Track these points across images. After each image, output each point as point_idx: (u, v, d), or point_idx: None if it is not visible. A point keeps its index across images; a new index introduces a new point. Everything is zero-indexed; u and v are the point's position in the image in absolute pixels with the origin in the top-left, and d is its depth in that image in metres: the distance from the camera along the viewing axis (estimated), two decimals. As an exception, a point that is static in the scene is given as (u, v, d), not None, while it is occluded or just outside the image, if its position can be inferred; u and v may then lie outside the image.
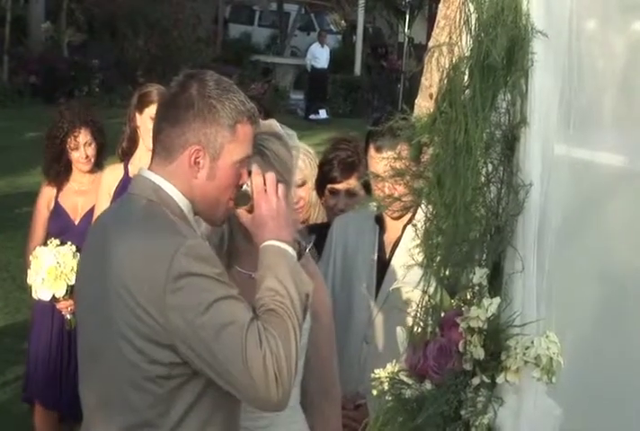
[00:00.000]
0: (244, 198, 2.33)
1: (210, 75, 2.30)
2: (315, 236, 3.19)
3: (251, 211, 2.33)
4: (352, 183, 3.63)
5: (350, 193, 3.64)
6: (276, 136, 2.65)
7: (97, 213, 4.39)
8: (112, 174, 4.53)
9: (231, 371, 2.10)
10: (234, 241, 2.65)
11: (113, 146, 4.70)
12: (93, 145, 4.74)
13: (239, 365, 2.08)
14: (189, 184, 2.28)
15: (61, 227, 4.67)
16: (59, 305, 4.32)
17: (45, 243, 4.37)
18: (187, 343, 2.13)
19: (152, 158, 2.34)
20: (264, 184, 2.32)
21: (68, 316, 4.33)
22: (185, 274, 2.13)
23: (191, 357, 2.15)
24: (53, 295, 4.24)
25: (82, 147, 4.70)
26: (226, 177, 2.30)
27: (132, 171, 4.48)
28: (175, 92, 2.29)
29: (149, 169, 2.33)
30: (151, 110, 4.45)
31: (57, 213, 4.78)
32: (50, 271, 4.19)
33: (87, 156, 4.72)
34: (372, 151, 3.17)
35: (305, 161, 3.68)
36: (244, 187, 2.31)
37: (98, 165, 4.82)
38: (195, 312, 2.11)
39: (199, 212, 2.32)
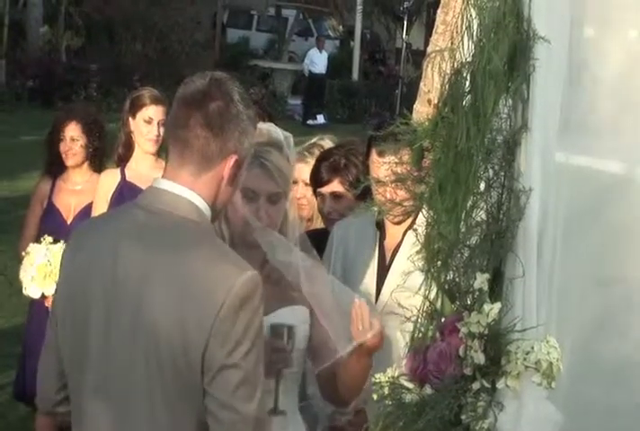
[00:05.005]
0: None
1: (232, 81, 2.27)
2: (315, 242, 3.20)
3: None
4: (336, 186, 3.63)
5: (335, 196, 3.63)
6: (275, 146, 2.65)
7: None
8: (109, 179, 4.54)
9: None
10: (234, 247, 2.66)
11: (110, 150, 4.70)
12: (79, 142, 4.75)
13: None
14: (215, 191, 2.24)
15: (53, 226, 4.67)
16: (48, 302, 4.31)
17: (39, 240, 4.37)
18: (211, 372, 2.12)
19: (179, 165, 2.23)
20: None
21: None
22: (243, 303, 2.12)
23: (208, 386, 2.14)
24: (42, 293, 4.23)
25: (67, 140, 4.73)
26: (238, 182, 2.31)
27: (129, 175, 4.50)
28: (207, 97, 2.21)
29: (173, 178, 2.23)
30: (143, 114, 4.48)
31: (50, 212, 4.79)
32: (40, 269, 4.18)
33: (71, 149, 4.75)
34: (374, 155, 3.18)
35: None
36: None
37: (93, 166, 4.83)
38: (236, 350, 2.12)
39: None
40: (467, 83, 2.13)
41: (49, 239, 4.25)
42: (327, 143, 3.92)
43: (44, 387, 2.38)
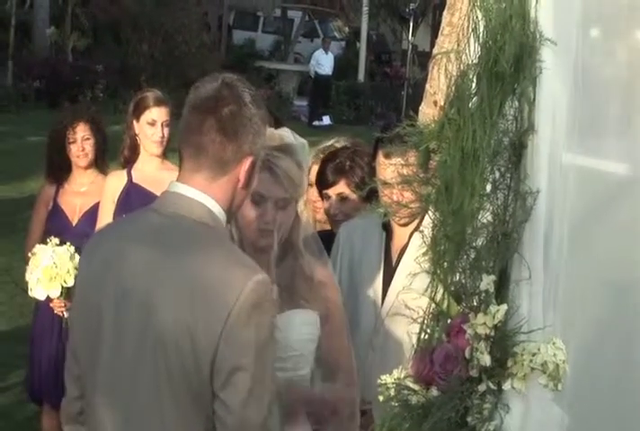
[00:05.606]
0: None
1: (242, 82, 2.25)
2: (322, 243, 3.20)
3: None
4: (342, 188, 3.63)
5: (341, 198, 3.64)
6: (287, 151, 2.63)
7: (102, 219, 4.40)
8: (116, 181, 4.55)
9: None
10: (243, 251, 2.66)
11: (117, 152, 4.71)
12: (91, 141, 4.78)
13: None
14: (231, 195, 2.23)
15: (58, 228, 4.68)
16: (53, 304, 4.31)
17: (44, 241, 4.37)
18: (220, 375, 2.11)
19: (194, 170, 2.22)
20: None
21: (67, 315, 4.29)
22: (253, 307, 2.10)
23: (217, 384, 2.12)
24: (48, 295, 4.23)
25: (79, 141, 4.73)
26: (252, 184, 2.29)
27: (135, 177, 4.51)
28: (219, 101, 2.19)
29: (187, 182, 2.22)
30: (147, 116, 4.48)
31: (55, 213, 4.80)
32: (46, 271, 4.16)
33: (84, 150, 4.75)
34: (381, 157, 3.18)
35: None
36: None
37: (98, 167, 4.84)
38: (246, 354, 2.10)
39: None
40: (474, 85, 2.13)
41: (56, 240, 4.25)
42: (343, 145, 3.91)
43: (67, 395, 2.38)
